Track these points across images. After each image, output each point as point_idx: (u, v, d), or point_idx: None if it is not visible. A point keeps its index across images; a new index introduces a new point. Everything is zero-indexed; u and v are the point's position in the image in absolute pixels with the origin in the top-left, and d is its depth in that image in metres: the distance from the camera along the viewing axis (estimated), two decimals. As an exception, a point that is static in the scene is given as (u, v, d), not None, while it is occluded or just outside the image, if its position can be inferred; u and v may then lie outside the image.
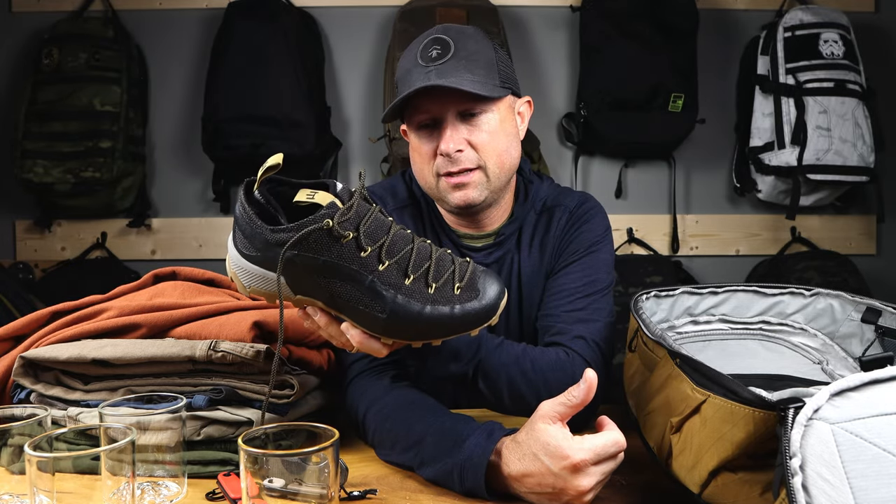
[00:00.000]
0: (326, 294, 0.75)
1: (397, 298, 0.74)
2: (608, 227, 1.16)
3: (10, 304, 1.98)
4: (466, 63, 1.00)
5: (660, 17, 2.28)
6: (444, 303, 0.75)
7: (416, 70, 1.01)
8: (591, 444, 0.73)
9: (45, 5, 2.43)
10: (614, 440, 0.73)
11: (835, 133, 2.23)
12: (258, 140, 2.21)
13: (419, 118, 1.04)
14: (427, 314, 0.74)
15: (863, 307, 0.94)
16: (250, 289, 0.77)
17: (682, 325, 1.03)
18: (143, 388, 0.88)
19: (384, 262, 0.74)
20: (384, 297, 0.74)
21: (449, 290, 0.76)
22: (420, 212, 1.17)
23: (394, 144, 2.20)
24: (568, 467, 0.72)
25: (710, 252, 2.55)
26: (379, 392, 0.95)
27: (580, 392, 0.73)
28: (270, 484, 0.63)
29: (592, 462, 0.72)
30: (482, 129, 1.03)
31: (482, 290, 0.77)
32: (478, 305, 0.76)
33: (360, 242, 0.73)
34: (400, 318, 0.74)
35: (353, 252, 0.73)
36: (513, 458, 0.76)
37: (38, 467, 0.63)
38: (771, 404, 0.58)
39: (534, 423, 0.75)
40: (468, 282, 0.77)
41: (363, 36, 2.49)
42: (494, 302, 0.77)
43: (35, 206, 2.38)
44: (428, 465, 0.83)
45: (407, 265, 0.75)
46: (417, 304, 0.74)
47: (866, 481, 0.50)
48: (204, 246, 2.49)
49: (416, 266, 0.76)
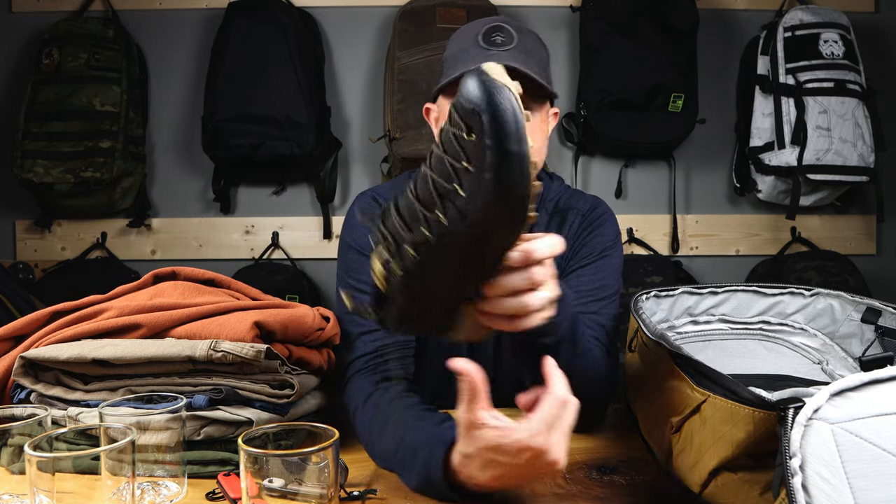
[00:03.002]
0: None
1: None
2: (619, 232, 1.17)
3: (10, 304, 1.98)
4: (526, 57, 1.02)
5: (660, 17, 2.28)
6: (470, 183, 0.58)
7: (476, 51, 1.02)
8: (539, 420, 0.67)
9: (45, 5, 2.43)
10: (557, 400, 0.68)
11: (835, 133, 2.23)
12: (258, 140, 2.20)
13: None
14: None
15: (863, 307, 0.94)
16: None
17: (682, 325, 1.03)
18: (143, 388, 0.88)
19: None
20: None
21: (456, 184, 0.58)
22: None
23: (394, 144, 2.20)
24: (533, 455, 0.68)
25: (710, 252, 2.55)
26: (364, 395, 0.96)
27: (464, 385, 0.68)
28: (270, 484, 0.63)
29: (549, 436, 0.67)
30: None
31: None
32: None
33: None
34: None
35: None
36: (474, 471, 0.72)
37: (38, 467, 0.63)
38: (771, 404, 0.58)
39: (470, 434, 0.70)
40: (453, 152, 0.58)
41: (363, 36, 2.48)
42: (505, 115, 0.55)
43: (35, 206, 2.38)
44: (402, 475, 0.83)
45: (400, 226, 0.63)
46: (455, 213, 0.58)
47: (866, 481, 0.50)
48: (204, 246, 2.49)
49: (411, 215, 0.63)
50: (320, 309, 1.08)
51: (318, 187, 2.42)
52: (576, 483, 0.83)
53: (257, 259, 2.47)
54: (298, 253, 2.49)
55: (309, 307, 1.04)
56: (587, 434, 1.02)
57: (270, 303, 1.02)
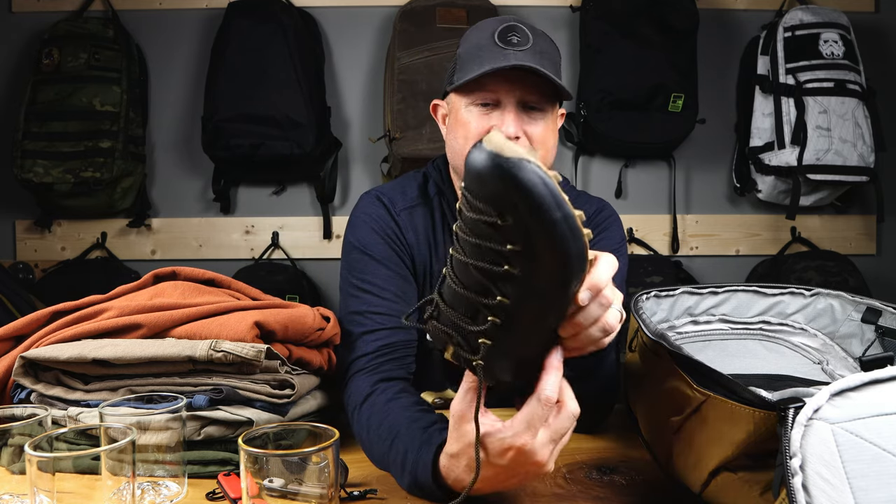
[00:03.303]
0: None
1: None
2: (624, 236, 1.17)
3: (10, 304, 1.98)
4: (541, 57, 1.03)
5: (660, 17, 2.28)
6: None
7: (492, 49, 1.02)
8: (521, 421, 0.66)
9: (45, 5, 2.43)
10: (541, 401, 0.65)
11: (835, 133, 2.23)
12: (258, 140, 2.21)
13: (483, 95, 1.05)
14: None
15: (863, 307, 0.94)
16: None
17: (682, 325, 1.03)
18: (144, 388, 0.88)
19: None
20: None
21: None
22: (431, 211, 1.17)
23: (394, 144, 2.20)
24: (515, 456, 0.67)
25: (710, 252, 2.55)
26: (362, 396, 0.96)
27: (466, 376, 0.68)
28: (270, 484, 0.63)
29: (532, 437, 0.66)
30: (539, 124, 1.06)
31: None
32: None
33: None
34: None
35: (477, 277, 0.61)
36: (461, 473, 0.72)
37: (38, 467, 0.63)
38: (771, 404, 0.58)
39: (459, 429, 0.70)
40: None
41: (363, 36, 2.49)
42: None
43: (35, 206, 2.38)
44: (395, 476, 0.83)
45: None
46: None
47: (866, 481, 0.50)
48: (204, 246, 2.49)
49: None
50: (320, 309, 1.08)
51: (318, 187, 2.42)
52: (576, 483, 0.83)
53: (257, 259, 2.47)
54: (298, 253, 2.49)
55: (309, 307, 1.04)
56: (588, 434, 1.02)
57: (270, 303, 1.02)
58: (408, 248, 1.14)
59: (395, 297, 1.08)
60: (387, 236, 1.13)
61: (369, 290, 1.08)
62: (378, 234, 1.13)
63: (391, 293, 1.08)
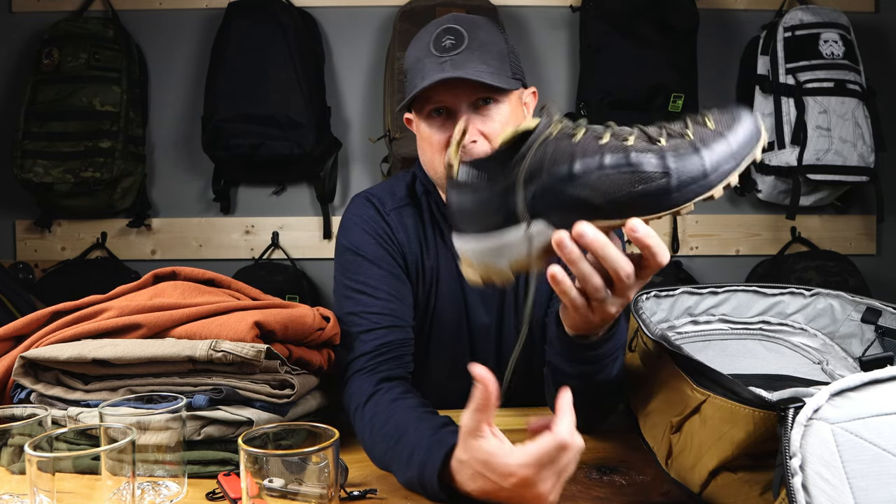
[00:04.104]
0: (592, 206, 0.67)
1: (668, 161, 0.64)
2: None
3: (10, 304, 1.98)
4: (480, 54, 1.00)
5: (660, 17, 2.28)
6: (714, 140, 0.65)
7: (429, 60, 1.01)
8: (532, 455, 0.67)
9: (45, 5, 2.43)
10: (555, 444, 0.66)
11: (835, 133, 2.23)
12: (258, 140, 2.21)
13: (431, 108, 1.04)
14: (709, 159, 0.64)
15: (863, 307, 0.94)
16: (512, 264, 0.69)
17: (682, 325, 1.03)
18: (143, 388, 0.88)
19: (627, 138, 0.66)
20: (656, 163, 0.64)
21: (705, 130, 0.66)
22: (420, 209, 1.17)
23: (394, 144, 2.20)
24: (517, 484, 0.68)
25: (710, 252, 2.55)
26: (365, 395, 0.96)
27: (480, 394, 0.67)
28: (270, 484, 0.63)
29: (538, 472, 0.67)
30: (494, 119, 1.03)
31: (735, 117, 0.66)
32: (745, 127, 0.66)
33: (595, 132, 0.67)
34: (686, 176, 0.64)
35: (593, 143, 0.66)
36: (465, 478, 0.73)
37: (38, 467, 0.63)
38: (771, 404, 0.58)
39: (466, 441, 0.71)
40: (716, 117, 0.67)
41: (363, 36, 2.49)
42: (752, 118, 0.66)
43: (35, 206, 2.38)
44: (398, 473, 0.83)
45: (645, 134, 0.66)
46: (692, 154, 0.64)
47: (866, 481, 0.50)
48: (204, 246, 2.49)
49: (660, 131, 0.67)
50: (320, 309, 1.08)
51: (318, 187, 2.42)
52: (576, 483, 0.83)
53: (257, 259, 2.47)
54: (298, 253, 2.49)
55: (309, 307, 1.04)
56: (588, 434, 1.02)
57: (270, 303, 1.02)
58: (399, 246, 1.14)
59: (389, 297, 1.08)
60: (378, 236, 1.13)
61: (363, 290, 1.08)
62: (370, 234, 1.13)
63: (385, 293, 1.08)
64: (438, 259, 1.15)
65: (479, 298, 1.16)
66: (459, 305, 1.16)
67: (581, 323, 0.77)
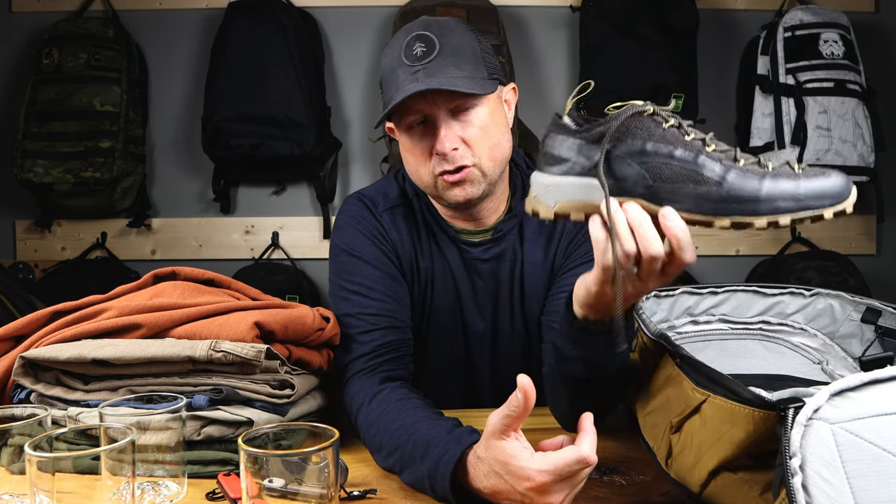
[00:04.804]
0: (645, 184, 0.73)
1: (730, 174, 0.70)
2: None
3: (10, 304, 1.98)
4: (454, 59, 0.98)
5: (660, 17, 2.28)
6: (785, 177, 0.69)
7: (401, 70, 0.99)
8: (553, 464, 0.69)
9: (45, 5, 2.43)
10: (577, 458, 0.68)
11: (835, 133, 2.23)
12: (258, 140, 2.21)
13: (410, 119, 1.03)
14: (768, 187, 0.70)
15: (863, 307, 0.94)
16: (558, 205, 0.76)
17: (682, 325, 1.03)
18: (143, 388, 0.88)
19: (710, 145, 0.72)
20: (718, 170, 0.71)
21: (787, 169, 0.70)
22: (412, 211, 1.16)
23: (394, 144, 2.20)
24: (532, 488, 0.69)
25: (710, 252, 2.55)
26: (369, 394, 0.96)
27: (518, 402, 0.69)
28: (270, 484, 0.63)
29: (555, 482, 0.69)
30: (474, 124, 1.02)
31: (825, 173, 0.69)
32: (826, 182, 0.68)
33: (683, 129, 0.73)
34: (736, 192, 0.71)
35: (677, 136, 0.73)
36: (479, 474, 0.74)
37: (38, 467, 0.63)
38: (771, 404, 0.58)
39: (489, 440, 0.73)
40: (807, 168, 0.70)
41: (363, 36, 2.48)
42: (845, 185, 0.68)
43: (35, 206, 2.38)
44: (405, 470, 0.83)
45: (734, 153, 0.72)
46: (754, 178, 0.70)
47: (866, 481, 0.50)
48: (204, 246, 2.49)
49: (744, 155, 0.72)
50: (320, 309, 1.08)
51: (318, 187, 2.42)
52: (576, 483, 0.83)
53: (257, 259, 2.47)
54: (298, 253, 2.49)
55: (309, 307, 1.04)
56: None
57: (270, 303, 1.02)
58: (393, 246, 1.13)
59: (385, 297, 1.08)
60: (373, 236, 1.12)
61: (360, 291, 1.08)
62: (364, 234, 1.12)
63: (381, 293, 1.08)
64: (433, 261, 1.15)
65: (474, 305, 1.16)
66: (455, 308, 1.16)
67: (594, 299, 0.78)
